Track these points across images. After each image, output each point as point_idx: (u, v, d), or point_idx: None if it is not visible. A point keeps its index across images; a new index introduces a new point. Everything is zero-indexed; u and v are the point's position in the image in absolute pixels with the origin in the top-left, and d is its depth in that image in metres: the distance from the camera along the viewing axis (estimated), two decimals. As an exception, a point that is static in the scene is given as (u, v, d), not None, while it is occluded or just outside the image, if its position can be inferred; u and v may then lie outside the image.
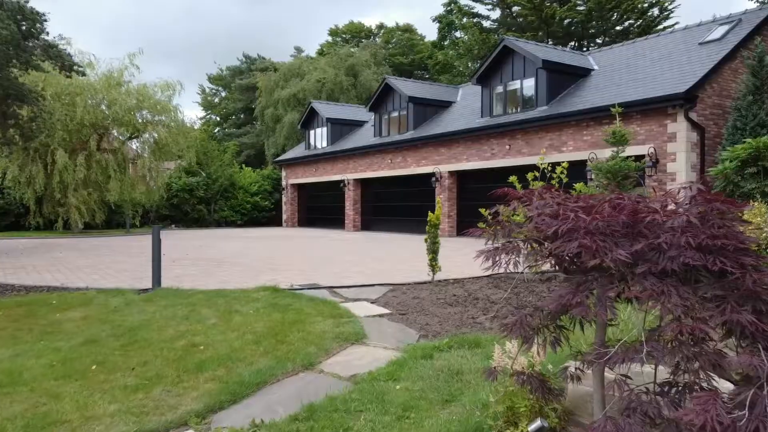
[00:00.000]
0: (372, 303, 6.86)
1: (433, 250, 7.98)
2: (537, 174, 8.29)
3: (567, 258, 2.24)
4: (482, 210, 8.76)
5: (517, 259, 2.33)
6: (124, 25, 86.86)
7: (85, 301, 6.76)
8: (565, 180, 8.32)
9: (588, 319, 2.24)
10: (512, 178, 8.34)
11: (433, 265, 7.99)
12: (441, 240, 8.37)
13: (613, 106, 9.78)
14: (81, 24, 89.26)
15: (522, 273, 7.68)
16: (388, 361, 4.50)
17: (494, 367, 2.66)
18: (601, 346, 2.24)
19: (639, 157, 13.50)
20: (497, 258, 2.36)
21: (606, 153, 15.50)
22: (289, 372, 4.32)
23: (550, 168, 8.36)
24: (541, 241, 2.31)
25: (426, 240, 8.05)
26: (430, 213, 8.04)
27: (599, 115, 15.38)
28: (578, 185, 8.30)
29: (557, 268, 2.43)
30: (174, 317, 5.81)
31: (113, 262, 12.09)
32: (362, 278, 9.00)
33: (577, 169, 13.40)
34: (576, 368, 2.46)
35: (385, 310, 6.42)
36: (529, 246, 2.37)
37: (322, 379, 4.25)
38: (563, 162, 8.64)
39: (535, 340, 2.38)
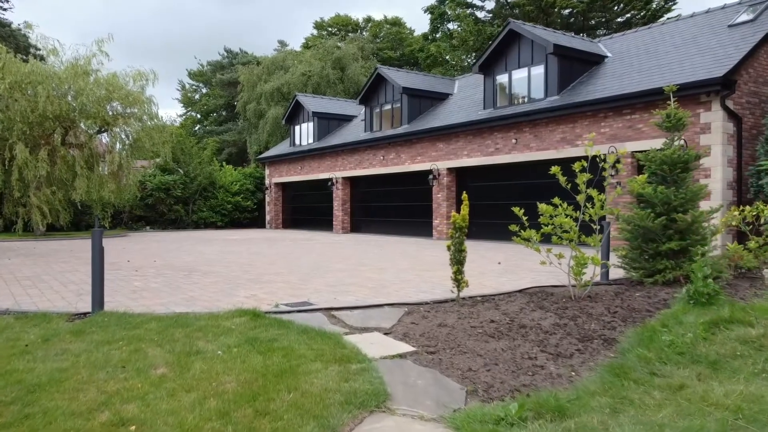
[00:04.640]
0: (386, 334, 5.10)
1: (459, 260, 6.23)
2: (585, 164, 6.60)
3: None
4: (516, 209, 7.08)
5: None
6: (100, 24, 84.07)
7: (-8, 334, 4.91)
8: (622, 171, 6.66)
9: None
10: (554, 169, 6.65)
11: (459, 279, 6.25)
12: (441, 243, 6.68)
13: (661, 90, 8.16)
14: (55, 22, 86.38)
15: (567, 287, 5.83)
16: (437, 453, 2.77)
17: None
18: None
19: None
20: None
21: (627, 146, 13.94)
22: (274, 481, 2.56)
23: (603, 156, 6.67)
24: None
25: (448, 247, 6.30)
26: (454, 213, 6.30)
27: (620, 104, 13.81)
28: (641, 177, 6.65)
29: None
30: (105, 365, 3.99)
31: (64, 271, 10.17)
32: (364, 293, 7.26)
33: (594, 165, 11.80)
34: None
35: (407, 347, 4.67)
36: None
37: (332, 495, 2.50)
38: (611, 153, 6.97)
39: None
